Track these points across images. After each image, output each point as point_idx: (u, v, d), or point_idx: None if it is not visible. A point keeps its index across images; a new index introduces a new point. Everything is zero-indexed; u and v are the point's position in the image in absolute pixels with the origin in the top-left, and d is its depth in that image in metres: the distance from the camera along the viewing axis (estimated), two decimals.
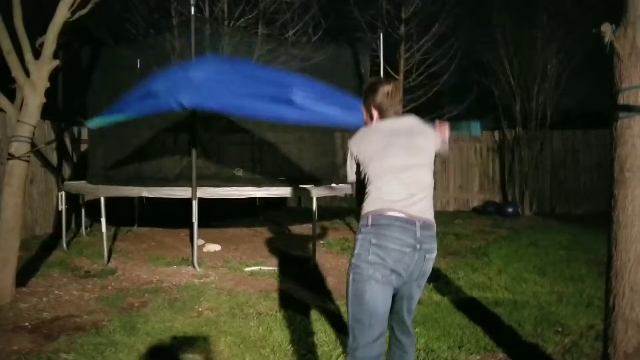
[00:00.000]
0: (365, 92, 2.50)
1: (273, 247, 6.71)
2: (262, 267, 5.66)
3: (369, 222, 2.24)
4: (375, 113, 2.45)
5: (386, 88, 2.42)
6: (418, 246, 2.22)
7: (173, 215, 7.25)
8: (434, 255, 2.31)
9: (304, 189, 6.24)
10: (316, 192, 6.04)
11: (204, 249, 6.41)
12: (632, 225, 2.33)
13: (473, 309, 4.17)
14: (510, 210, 10.10)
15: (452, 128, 2.67)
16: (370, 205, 2.28)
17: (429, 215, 2.30)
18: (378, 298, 2.22)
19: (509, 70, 10.23)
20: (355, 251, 2.26)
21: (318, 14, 9.18)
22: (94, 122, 4.87)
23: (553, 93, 10.13)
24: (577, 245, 6.79)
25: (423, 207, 2.29)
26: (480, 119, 2.98)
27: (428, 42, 10.05)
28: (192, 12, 5.72)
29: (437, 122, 2.63)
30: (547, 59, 10.05)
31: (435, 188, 2.44)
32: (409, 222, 2.22)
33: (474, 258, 6.09)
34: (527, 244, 6.85)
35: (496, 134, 11.00)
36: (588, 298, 4.44)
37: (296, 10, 8.57)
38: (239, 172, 7.72)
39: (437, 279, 4.92)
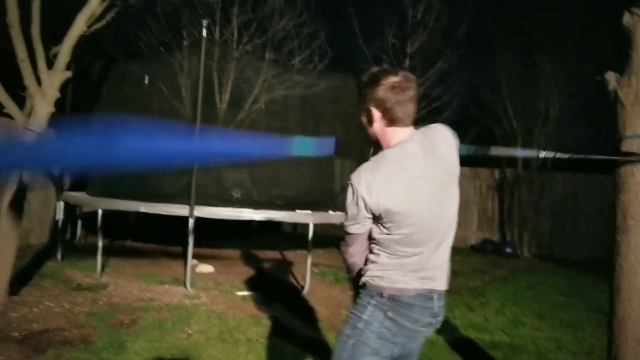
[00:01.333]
0: (361, 85, 1.89)
1: (266, 272, 6.66)
2: (254, 292, 5.61)
3: (385, 295, 1.87)
4: (377, 115, 1.85)
5: (392, 79, 1.80)
6: (434, 321, 1.95)
7: (167, 232, 7.20)
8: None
9: (301, 214, 6.23)
10: (313, 219, 6.02)
11: (197, 269, 6.35)
12: (636, 274, 2.33)
13: (469, 350, 4.13)
14: (508, 250, 10.07)
15: None
16: (384, 275, 1.88)
17: (445, 280, 1.96)
18: None
19: (511, 110, 10.35)
20: (364, 317, 1.90)
21: (325, 43, 9.31)
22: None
23: (554, 135, 10.22)
24: (576, 291, 6.72)
25: (443, 271, 1.94)
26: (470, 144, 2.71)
27: (431, 78, 10.19)
28: (204, 34, 5.82)
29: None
30: (549, 102, 10.17)
31: None
32: (428, 299, 1.90)
33: (471, 297, 6.03)
34: (525, 287, 6.80)
35: (496, 172, 11.05)
36: (588, 347, 4.38)
37: (304, 38, 8.70)
38: (237, 194, 7.71)
39: None
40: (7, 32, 4.30)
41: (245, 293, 5.56)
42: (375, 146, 1.96)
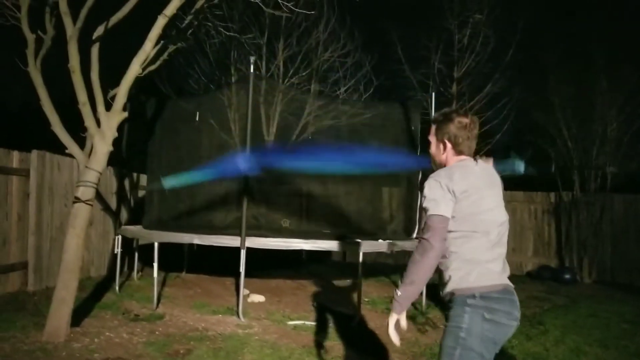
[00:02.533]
0: (437, 120, 2.31)
1: (317, 301, 6.64)
2: (306, 322, 5.60)
3: (477, 295, 2.07)
4: (448, 146, 2.26)
5: (463, 119, 2.25)
6: (519, 315, 2.14)
7: (220, 262, 7.35)
8: None
9: (351, 243, 6.22)
10: (363, 248, 5.99)
11: (249, 299, 6.42)
12: None
13: None
14: (567, 276, 9.58)
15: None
16: (470, 275, 2.09)
17: None
18: None
19: (566, 132, 9.99)
20: (463, 325, 2.06)
21: (370, 72, 9.42)
22: (168, 182, 5.22)
23: (614, 156, 9.78)
24: None
25: (508, 268, 2.20)
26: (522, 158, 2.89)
27: (480, 102, 10.05)
28: (251, 70, 6.02)
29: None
30: (607, 122, 9.76)
31: None
32: (511, 292, 2.14)
33: (529, 326, 5.76)
34: (587, 315, 6.43)
35: (552, 195, 10.64)
36: None
37: (349, 68, 8.85)
38: (286, 224, 7.80)
39: None
40: (68, 77, 4.62)
41: (297, 322, 5.56)
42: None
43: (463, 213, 2.11)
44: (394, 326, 2.18)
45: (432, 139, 2.33)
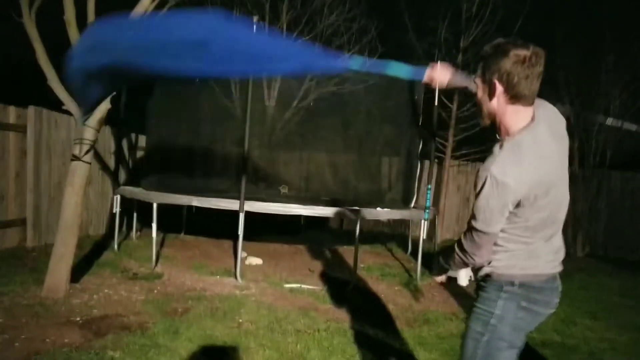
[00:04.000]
0: (486, 55, 1.77)
1: (314, 266, 6.71)
2: (302, 285, 5.67)
3: (516, 283, 1.85)
4: (500, 89, 1.74)
5: (521, 51, 1.70)
6: (558, 300, 1.94)
7: (218, 225, 7.39)
8: None
9: (349, 210, 6.25)
10: (361, 215, 6.02)
11: (246, 262, 6.49)
12: None
13: None
14: None
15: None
16: (515, 262, 1.84)
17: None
18: None
19: (569, 107, 9.91)
20: (496, 311, 1.86)
21: (375, 39, 9.25)
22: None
23: (614, 133, 9.76)
24: (631, 293, 6.47)
25: (562, 253, 1.93)
26: None
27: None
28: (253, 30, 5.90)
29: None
30: (610, 99, 9.71)
31: None
32: (556, 280, 1.92)
33: None
34: (578, 287, 6.55)
35: None
36: None
37: (354, 33, 8.68)
38: (284, 189, 7.81)
39: None
40: (64, 31, 4.50)
41: (293, 285, 5.63)
42: (491, 127, 1.85)
43: (526, 217, 1.77)
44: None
45: (478, 80, 1.81)
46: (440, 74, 2.13)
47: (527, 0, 9.64)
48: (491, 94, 1.76)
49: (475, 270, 1.96)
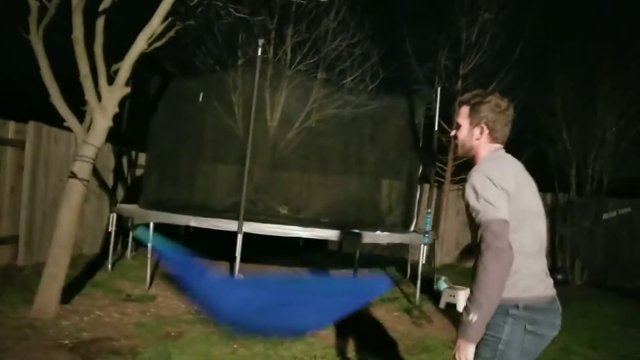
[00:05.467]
0: (472, 102, 2.09)
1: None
2: None
3: (520, 306, 1.91)
4: (485, 131, 2.06)
5: (500, 102, 2.06)
6: (560, 323, 2.01)
7: (216, 245, 7.28)
8: None
9: (350, 233, 6.17)
10: (361, 239, 5.94)
11: None
12: None
13: None
14: (559, 277, 9.56)
15: None
16: (517, 284, 1.90)
17: None
18: None
19: (566, 134, 9.96)
20: (503, 337, 1.90)
21: (377, 64, 9.32)
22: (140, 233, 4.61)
23: (611, 160, 9.77)
24: (631, 322, 6.38)
25: (549, 276, 2.03)
26: None
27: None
28: (259, 53, 5.91)
29: None
30: (606, 127, 9.76)
31: None
32: (556, 301, 2.00)
33: None
34: (577, 315, 6.45)
35: (548, 196, 10.62)
36: None
37: (356, 58, 8.74)
38: (284, 210, 7.72)
39: None
40: (70, 49, 4.50)
41: None
42: (470, 158, 2.15)
43: (515, 216, 1.89)
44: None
45: (464, 122, 2.10)
46: None
47: (525, 28, 9.78)
48: (478, 134, 2.07)
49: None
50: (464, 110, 2.10)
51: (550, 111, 10.09)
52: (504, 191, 1.88)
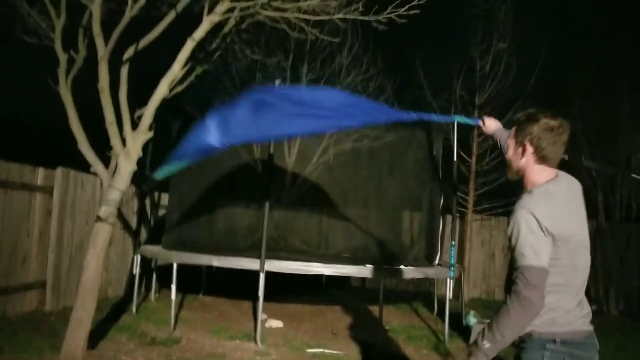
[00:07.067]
0: (519, 121, 2.03)
1: (336, 328, 6.48)
2: (325, 350, 5.45)
3: (558, 340, 1.89)
4: (529, 150, 1.97)
5: (550, 121, 1.94)
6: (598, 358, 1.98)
7: (238, 284, 7.26)
8: None
9: (373, 269, 6.09)
10: (384, 274, 5.86)
11: (266, 324, 6.29)
12: None
13: None
14: (592, 307, 9.19)
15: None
16: (554, 318, 1.90)
17: None
18: None
19: (590, 159, 9.80)
20: None
21: (391, 97, 9.40)
22: (159, 173, 4.87)
23: (638, 185, 9.55)
24: None
25: (589, 312, 2.00)
26: None
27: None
28: None
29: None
30: (631, 149, 9.59)
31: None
32: (594, 337, 1.98)
33: None
34: (615, 348, 6.18)
35: None
36: None
37: (371, 92, 8.83)
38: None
39: None
40: (96, 96, 4.65)
41: (316, 350, 5.41)
42: (519, 181, 2.08)
43: (560, 260, 1.85)
44: None
45: (511, 141, 2.06)
46: (490, 122, 2.93)
47: (539, 56, 9.77)
48: (522, 153, 1.99)
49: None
50: (513, 130, 2.07)
51: (572, 135, 9.95)
52: (550, 235, 1.82)
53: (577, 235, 1.93)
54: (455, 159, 6.92)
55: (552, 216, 1.84)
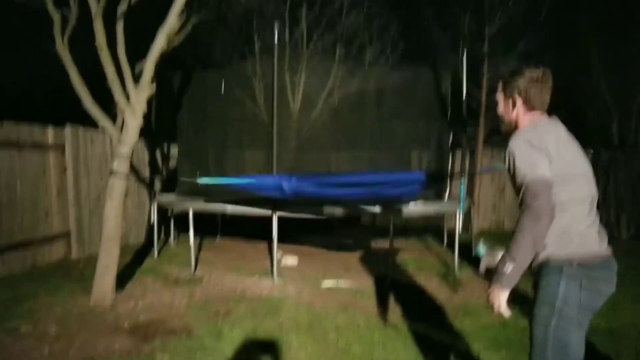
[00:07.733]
0: (505, 76, 2.20)
1: (349, 263, 6.74)
2: (339, 283, 5.71)
3: (574, 264, 1.98)
4: (519, 102, 2.14)
5: (534, 73, 2.11)
6: (616, 280, 2.06)
7: (252, 227, 7.51)
8: None
9: (383, 208, 6.23)
10: (395, 213, 6.00)
11: (282, 261, 6.56)
12: None
13: None
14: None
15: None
16: (570, 241, 1.99)
17: None
18: (582, 349, 2.02)
19: (605, 90, 9.62)
20: (560, 294, 1.98)
21: (396, 35, 9.20)
22: (204, 180, 5.40)
23: None
24: None
25: (605, 236, 2.09)
26: None
27: (512, 60, 9.68)
28: (275, 35, 5.99)
29: None
30: None
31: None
32: (612, 260, 2.06)
33: None
34: (625, 270, 6.29)
35: (589, 153, 10.36)
36: None
37: (374, 32, 8.66)
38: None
39: (524, 302, 4.70)
40: (96, 54, 4.69)
41: (330, 284, 5.68)
42: (512, 130, 2.19)
43: (559, 177, 1.96)
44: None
45: (500, 96, 2.22)
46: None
47: None
48: (512, 106, 2.16)
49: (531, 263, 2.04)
50: (499, 85, 2.22)
51: (587, 65, 9.73)
52: (544, 151, 1.94)
53: (574, 161, 2.03)
54: (464, 94, 6.89)
55: (542, 137, 1.98)
